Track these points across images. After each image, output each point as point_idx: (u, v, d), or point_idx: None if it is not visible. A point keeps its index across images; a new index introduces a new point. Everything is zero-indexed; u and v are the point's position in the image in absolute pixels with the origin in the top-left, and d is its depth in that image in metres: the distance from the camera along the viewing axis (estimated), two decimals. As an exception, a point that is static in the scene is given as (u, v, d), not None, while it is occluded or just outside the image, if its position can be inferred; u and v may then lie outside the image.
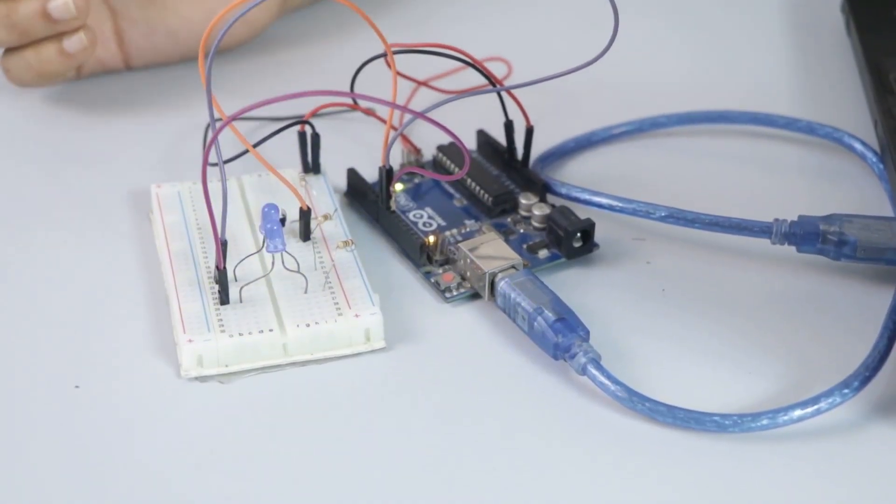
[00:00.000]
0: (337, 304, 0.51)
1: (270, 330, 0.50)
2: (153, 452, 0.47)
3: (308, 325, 0.50)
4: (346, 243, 0.54)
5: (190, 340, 0.50)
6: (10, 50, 0.61)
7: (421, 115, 0.50)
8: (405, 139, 0.59)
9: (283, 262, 0.52)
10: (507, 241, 0.55)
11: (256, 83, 0.66)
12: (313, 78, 0.66)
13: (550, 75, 0.53)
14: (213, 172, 0.51)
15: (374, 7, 0.68)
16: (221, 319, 0.51)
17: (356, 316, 0.51)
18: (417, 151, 0.59)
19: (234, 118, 0.49)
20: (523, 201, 0.56)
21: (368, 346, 0.51)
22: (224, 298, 0.51)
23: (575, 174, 0.60)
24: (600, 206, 0.56)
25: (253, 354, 0.50)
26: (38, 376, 0.50)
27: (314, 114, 0.58)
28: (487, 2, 0.73)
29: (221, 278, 0.51)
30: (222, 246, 0.50)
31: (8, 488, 0.46)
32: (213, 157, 0.49)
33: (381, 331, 0.51)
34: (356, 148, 0.61)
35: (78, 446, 0.48)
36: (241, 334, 0.50)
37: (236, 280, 0.52)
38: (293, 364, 0.50)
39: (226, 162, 0.51)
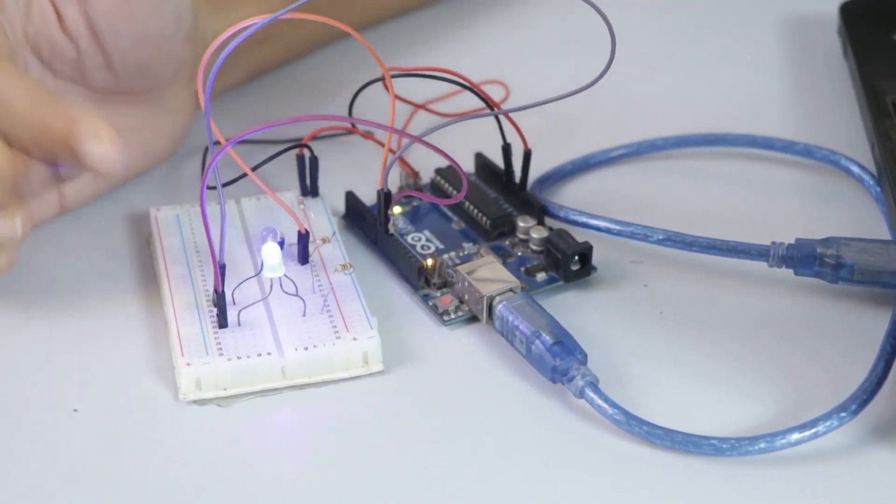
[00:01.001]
0: (335, 327, 0.51)
1: (269, 353, 0.50)
2: (151, 476, 0.47)
3: (306, 349, 0.50)
4: (344, 266, 0.54)
5: (188, 364, 0.50)
6: None
7: (419, 139, 0.50)
8: (403, 162, 0.59)
9: (281, 286, 0.52)
10: (504, 263, 0.55)
11: (255, 106, 0.66)
12: (312, 101, 0.66)
13: (548, 98, 0.53)
14: (212, 195, 0.51)
15: (372, 31, 0.69)
16: (220, 343, 0.51)
17: (354, 339, 0.51)
18: (415, 174, 0.60)
19: (233, 142, 0.49)
20: (521, 224, 0.57)
21: (366, 369, 0.51)
22: (222, 321, 0.51)
23: (573, 197, 0.60)
24: (598, 228, 0.56)
25: (251, 378, 0.50)
26: (36, 399, 0.50)
27: (313, 137, 0.58)
28: (485, 25, 0.73)
29: (220, 301, 0.51)
30: (221, 269, 0.50)
31: (6, 512, 0.46)
32: (211, 181, 0.49)
33: (379, 354, 0.51)
34: (354, 171, 0.61)
35: (76, 469, 0.48)
36: (239, 357, 0.50)
37: (235, 303, 0.52)
38: (291, 387, 0.50)
39: (224, 185, 0.51)
